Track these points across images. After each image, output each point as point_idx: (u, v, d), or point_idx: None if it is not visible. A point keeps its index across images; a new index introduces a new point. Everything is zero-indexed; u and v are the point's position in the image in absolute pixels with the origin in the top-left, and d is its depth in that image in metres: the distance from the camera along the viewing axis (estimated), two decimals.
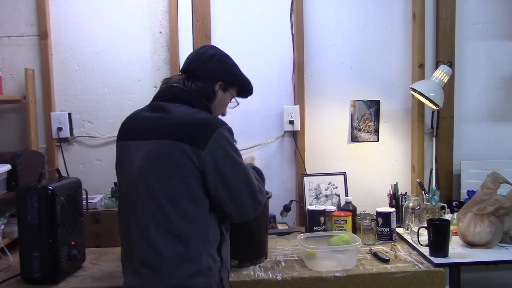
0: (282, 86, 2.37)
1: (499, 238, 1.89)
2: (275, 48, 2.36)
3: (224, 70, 1.52)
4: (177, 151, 1.30)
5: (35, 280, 1.64)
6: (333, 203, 2.28)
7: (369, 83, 2.41)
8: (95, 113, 2.33)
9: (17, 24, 2.28)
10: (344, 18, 2.38)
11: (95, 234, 2.04)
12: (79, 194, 1.82)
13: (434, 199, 2.13)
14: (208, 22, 2.29)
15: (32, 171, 2.04)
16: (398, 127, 2.44)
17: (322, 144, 2.40)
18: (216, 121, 1.37)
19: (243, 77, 1.57)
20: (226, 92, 1.54)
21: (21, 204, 1.63)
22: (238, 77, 1.56)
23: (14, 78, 2.28)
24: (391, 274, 1.69)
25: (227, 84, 1.53)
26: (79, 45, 2.30)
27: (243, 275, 1.70)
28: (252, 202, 1.37)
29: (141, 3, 2.30)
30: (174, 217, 1.30)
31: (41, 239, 1.62)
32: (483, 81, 2.45)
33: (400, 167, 2.45)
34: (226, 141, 1.34)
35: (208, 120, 1.36)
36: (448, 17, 2.37)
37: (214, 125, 1.34)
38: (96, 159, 2.34)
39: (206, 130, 1.32)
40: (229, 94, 1.56)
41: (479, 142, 2.47)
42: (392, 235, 2.03)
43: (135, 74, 2.32)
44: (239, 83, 1.57)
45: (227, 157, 1.33)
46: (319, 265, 1.73)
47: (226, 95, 1.55)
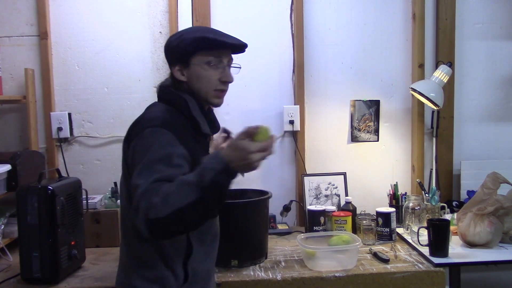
0: (282, 86, 2.37)
1: (499, 238, 1.89)
2: (275, 48, 2.36)
3: (172, 50, 1.34)
4: (123, 152, 1.30)
5: (35, 280, 1.64)
6: (333, 203, 2.28)
7: (369, 83, 2.41)
8: (95, 113, 2.33)
9: (17, 24, 2.28)
10: (344, 18, 2.38)
11: (95, 234, 2.04)
12: (79, 194, 1.82)
13: (434, 199, 2.13)
14: (208, 22, 2.29)
15: (32, 171, 2.04)
16: (398, 127, 2.44)
17: (322, 144, 2.40)
18: (147, 122, 1.23)
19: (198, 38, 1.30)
20: (191, 67, 1.32)
21: (21, 204, 1.63)
22: (191, 42, 1.30)
23: (14, 78, 2.28)
24: (391, 274, 1.69)
25: (183, 59, 1.32)
26: (79, 45, 2.30)
27: (243, 275, 1.70)
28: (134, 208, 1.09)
29: (141, 3, 2.30)
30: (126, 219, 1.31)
31: (41, 239, 1.62)
32: (483, 81, 2.45)
33: (400, 167, 2.45)
34: (147, 141, 1.19)
35: (142, 121, 1.26)
36: (448, 17, 2.37)
37: (142, 126, 1.22)
38: (96, 159, 2.34)
39: (135, 130, 1.25)
40: (196, 65, 1.32)
41: (479, 142, 2.47)
42: (392, 235, 2.03)
43: (135, 74, 2.32)
44: (194, 47, 1.30)
45: (138, 159, 1.17)
46: (319, 265, 1.73)
47: (194, 69, 1.32)
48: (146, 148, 1.17)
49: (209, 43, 1.31)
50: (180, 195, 1.03)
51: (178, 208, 1.03)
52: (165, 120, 1.23)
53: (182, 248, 1.29)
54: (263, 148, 1.05)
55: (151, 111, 1.32)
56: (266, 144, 1.06)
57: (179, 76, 1.34)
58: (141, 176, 1.11)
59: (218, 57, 1.33)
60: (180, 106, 1.31)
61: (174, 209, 1.02)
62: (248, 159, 1.04)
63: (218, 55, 1.33)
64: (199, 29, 1.39)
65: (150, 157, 1.14)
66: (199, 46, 1.31)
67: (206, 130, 1.34)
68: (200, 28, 1.41)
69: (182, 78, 1.34)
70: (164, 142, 1.17)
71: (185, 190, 1.04)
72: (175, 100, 1.33)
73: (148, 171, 1.11)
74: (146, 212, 1.04)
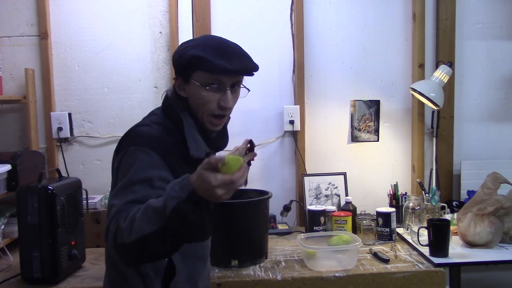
0: (282, 86, 2.37)
1: (499, 238, 1.89)
2: (275, 48, 2.35)
3: (175, 62, 1.26)
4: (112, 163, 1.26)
5: (35, 280, 1.64)
6: (333, 203, 2.28)
7: (369, 83, 2.41)
8: (95, 113, 2.33)
9: (17, 24, 2.28)
10: (344, 18, 2.38)
11: (95, 234, 2.04)
12: (79, 194, 1.82)
13: (434, 199, 2.13)
14: (208, 22, 2.29)
15: (32, 171, 2.04)
16: (398, 127, 2.44)
17: (322, 144, 2.40)
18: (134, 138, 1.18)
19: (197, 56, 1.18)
20: (190, 84, 1.23)
21: (21, 204, 1.63)
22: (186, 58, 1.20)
23: (14, 78, 2.28)
24: (391, 274, 1.69)
25: (183, 74, 1.24)
26: (79, 45, 2.30)
27: (243, 275, 1.70)
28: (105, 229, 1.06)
29: (141, 3, 2.30)
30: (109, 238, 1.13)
31: (41, 239, 1.62)
32: (483, 81, 2.45)
33: (400, 167, 2.45)
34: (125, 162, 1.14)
35: (130, 134, 1.21)
36: (448, 17, 2.37)
37: (129, 142, 1.17)
38: (96, 159, 2.34)
39: (122, 145, 1.20)
40: (195, 85, 1.22)
41: (479, 142, 2.47)
42: (392, 235, 2.03)
43: (135, 74, 2.32)
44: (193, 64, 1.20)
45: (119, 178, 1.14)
46: (319, 265, 1.73)
47: (193, 87, 1.22)
48: (127, 167, 1.12)
49: (205, 65, 1.19)
50: (144, 221, 0.96)
51: (141, 235, 0.95)
52: (153, 139, 1.17)
53: (161, 269, 1.22)
54: (228, 182, 0.91)
55: (146, 123, 1.24)
56: (231, 178, 0.91)
57: (179, 91, 1.26)
58: (117, 196, 1.07)
59: (217, 79, 1.21)
60: (175, 124, 1.24)
61: (137, 236, 0.95)
62: (212, 193, 0.91)
63: (218, 78, 1.21)
64: (204, 44, 1.23)
65: (130, 178, 1.09)
66: (196, 65, 1.20)
67: (196, 154, 1.23)
68: (205, 42, 1.24)
69: (182, 94, 1.25)
70: (146, 164, 1.11)
71: (149, 217, 0.96)
72: (172, 116, 1.26)
73: (125, 191, 1.07)
74: (114, 237, 1.00)
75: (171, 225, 0.93)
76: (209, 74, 1.20)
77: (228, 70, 1.19)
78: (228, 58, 1.20)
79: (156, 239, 0.95)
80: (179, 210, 0.92)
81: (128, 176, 1.10)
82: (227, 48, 1.23)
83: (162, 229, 0.94)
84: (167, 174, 1.13)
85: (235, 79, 1.24)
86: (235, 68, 1.20)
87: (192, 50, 1.21)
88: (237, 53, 1.23)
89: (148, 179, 1.08)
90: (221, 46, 1.23)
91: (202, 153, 1.26)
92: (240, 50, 1.25)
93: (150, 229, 0.95)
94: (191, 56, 1.19)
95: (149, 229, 0.95)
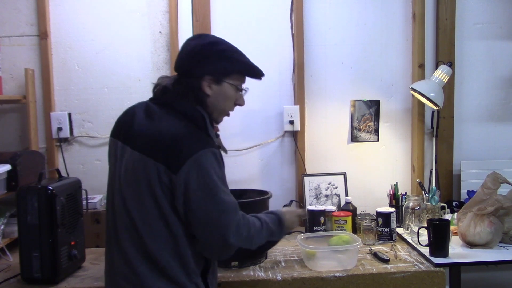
0: (282, 86, 2.37)
1: (499, 238, 1.89)
2: (275, 48, 2.35)
3: (209, 61, 1.33)
4: (152, 170, 1.23)
5: (35, 280, 1.64)
6: (333, 203, 2.28)
7: (369, 83, 2.41)
8: (95, 113, 2.33)
9: (17, 24, 2.28)
10: (344, 18, 2.38)
11: (95, 234, 2.04)
12: (79, 194, 1.82)
13: (434, 199, 2.13)
14: (208, 22, 2.29)
15: (32, 171, 2.04)
16: (398, 127, 2.44)
17: (322, 144, 2.40)
18: (195, 143, 1.23)
19: (240, 61, 1.36)
20: (222, 84, 1.34)
21: (21, 204, 1.63)
22: (233, 63, 1.35)
23: (14, 78, 2.28)
24: (391, 274, 1.69)
25: (219, 75, 1.33)
26: (79, 45, 2.30)
27: (243, 275, 1.70)
28: (217, 239, 1.25)
29: (141, 3, 2.30)
30: (145, 235, 1.26)
31: (41, 239, 1.62)
32: (483, 81, 2.45)
33: (400, 167, 2.45)
34: (203, 168, 1.21)
35: (186, 141, 1.24)
36: (448, 17, 2.37)
37: (193, 148, 1.22)
38: (96, 159, 2.34)
39: (182, 153, 1.21)
40: (228, 85, 1.35)
41: (479, 142, 2.47)
42: (392, 235, 2.03)
43: (135, 74, 2.32)
44: (236, 70, 1.36)
45: (200, 186, 1.21)
46: (319, 265, 1.73)
47: (224, 88, 1.35)
48: (209, 170, 1.22)
49: (248, 71, 1.40)
50: (262, 237, 1.41)
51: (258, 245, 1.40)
52: (206, 139, 1.28)
53: (202, 263, 1.34)
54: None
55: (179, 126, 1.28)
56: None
57: (206, 89, 1.33)
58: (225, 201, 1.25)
59: (243, 82, 1.43)
60: (197, 123, 1.30)
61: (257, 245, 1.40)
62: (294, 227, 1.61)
63: (243, 82, 1.43)
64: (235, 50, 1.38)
65: (215, 182, 1.24)
66: (239, 71, 1.37)
67: (224, 149, 1.42)
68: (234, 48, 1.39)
69: (208, 92, 1.34)
70: (218, 162, 1.26)
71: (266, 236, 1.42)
72: (194, 116, 1.30)
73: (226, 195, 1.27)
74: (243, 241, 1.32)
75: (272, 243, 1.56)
76: (241, 78, 1.40)
77: (260, 75, 1.43)
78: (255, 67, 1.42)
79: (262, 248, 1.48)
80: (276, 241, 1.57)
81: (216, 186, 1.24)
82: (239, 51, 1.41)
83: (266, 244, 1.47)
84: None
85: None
86: (261, 73, 1.43)
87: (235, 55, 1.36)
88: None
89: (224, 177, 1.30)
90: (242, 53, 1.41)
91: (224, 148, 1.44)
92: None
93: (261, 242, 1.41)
94: (240, 62, 1.36)
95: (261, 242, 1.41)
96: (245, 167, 2.34)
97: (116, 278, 1.31)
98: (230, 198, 1.28)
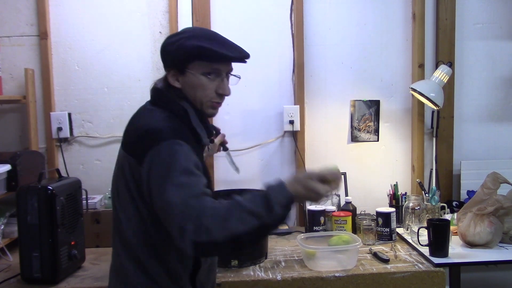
0: (282, 86, 2.37)
1: (499, 238, 1.89)
2: (275, 48, 2.35)
3: (168, 54, 1.28)
4: (126, 164, 1.22)
5: (35, 280, 1.64)
6: (333, 203, 2.27)
7: (369, 83, 2.41)
8: (95, 113, 2.33)
9: (17, 24, 2.28)
10: (344, 18, 2.38)
11: (95, 234, 2.04)
12: (79, 194, 1.82)
13: (434, 199, 2.13)
14: (208, 22, 2.29)
15: (32, 171, 2.04)
16: (398, 127, 2.44)
17: (322, 144, 2.40)
18: (160, 135, 1.17)
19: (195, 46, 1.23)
20: (186, 74, 1.27)
21: (21, 204, 1.63)
22: (187, 49, 1.24)
23: (14, 78, 2.28)
24: (391, 274, 1.69)
25: (179, 66, 1.27)
26: (79, 45, 2.30)
27: (243, 275, 1.70)
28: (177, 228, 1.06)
29: (141, 3, 2.30)
30: (126, 230, 1.24)
31: (41, 239, 1.62)
32: (483, 81, 2.45)
33: (400, 167, 2.45)
34: (161, 159, 1.14)
35: (150, 131, 1.19)
36: (448, 17, 2.37)
37: (156, 140, 1.16)
38: (96, 159, 2.34)
39: (145, 144, 1.17)
40: (191, 74, 1.26)
41: (479, 142, 2.47)
42: (392, 235, 2.03)
43: (135, 74, 2.32)
44: (191, 55, 1.25)
45: (157, 178, 1.13)
46: (319, 265, 1.73)
47: (188, 78, 1.27)
48: (167, 162, 1.12)
49: (207, 55, 1.24)
50: (239, 221, 1.04)
51: (236, 234, 1.03)
52: (177, 131, 1.20)
53: (189, 265, 1.27)
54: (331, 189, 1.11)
55: (154, 119, 1.24)
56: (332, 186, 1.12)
57: (173, 82, 1.29)
58: (171, 194, 1.08)
59: (216, 68, 1.27)
60: (179, 115, 1.26)
61: (232, 235, 1.03)
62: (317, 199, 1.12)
63: (216, 67, 1.27)
64: (198, 35, 1.28)
65: (175, 172, 1.11)
66: (196, 55, 1.25)
67: (206, 142, 1.31)
68: (200, 34, 1.29)
69: (176, 85, 1.28)
70: (186, 154, 1.15)
71: (245, 218, 1.05)
72: (174, 108, 1.27)
73: (179, 187, 1.09)
74: (197, 234, 1.03)
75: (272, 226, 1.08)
76: (207, 63, 1.26)
77: (230, 57, 1.26)
78: (226, 47, 1.26)
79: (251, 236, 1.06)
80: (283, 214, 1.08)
81: (174, 171, 1.11)
82: (220, 37, 1.30)
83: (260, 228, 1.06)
84: (197, 159, 1.18)
85: (229, 68, 1.31)
86: (235, 55, 1.27)
87: (190, 41, 1.24)
88: (229, 42, 1.29)
89: (193, 166, 1.14)
90: (215, 36, 1.29)
91: (208, 140, 1.33)
92: (228, 39, 1.31)
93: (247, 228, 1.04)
94: (191, 46, 1.24)
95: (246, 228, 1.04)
96: (245, 167, 2.34)
97: (112, 273, 1.34)
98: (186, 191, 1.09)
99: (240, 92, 2.31)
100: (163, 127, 1.20)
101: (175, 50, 1.26)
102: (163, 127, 1.20)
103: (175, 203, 1.07)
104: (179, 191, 1.09)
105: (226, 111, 2.31)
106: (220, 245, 1.04)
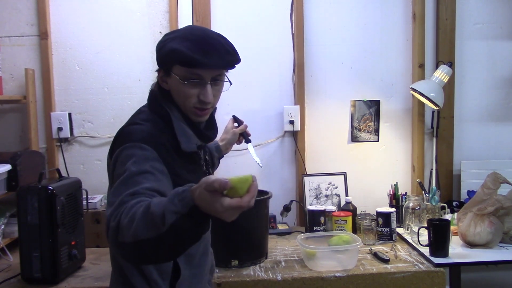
0: (282, 86, 2.37)
1: (499, 238, 1.89)
2: (275, 48, 2.35)
3: (156, 53, 1.24)
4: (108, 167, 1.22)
5: (35, 280, 1.64)
6: (333, 203, 2.28)
7: (369, 83, 2.41)
8: (95, 113, 2.33)
9: (17, 24, 2.28)
10: (344, 18, 2.38)
11: (95, 234, 2.04)
12: (79, 194, 1.82)
13: (434, 199, 2.13)
14: (208, 22, 2.29)
15: (32, 171, 2.04)
16: (398, 127, 2.44)
17: (322, 144, 2.40)
18: (127, 136, 1.16)
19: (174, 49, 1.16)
20: (171, 77, 1.22)
21: (21, 204, 1.63)
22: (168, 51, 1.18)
23: (14, 78, 2.28)
24: (391, 274, 1.69)
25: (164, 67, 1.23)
26: (79, 45, 2.30)
27: (243, 275, 1.70)
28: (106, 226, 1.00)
29: (141, 3, 2.30)
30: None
31: (41, 239, 1.62)
32: (483, 81, 2.45)
33: (400, 167, 2.45)
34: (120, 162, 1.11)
35: (122, 133, 1.20)
36: (448, 17, 2.37)
37: (122, 141, 1.16)
38: (96, 159, 2.34)
39: (116, 144, 1.18)
40: (174, 79, 1.21)
41: (479, 142, 2.47)
42: (392, 235, 2.03)
43: (135, 74, 2.32)
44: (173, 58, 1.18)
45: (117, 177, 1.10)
46: (319, 265, 1.73)
47: (173, 81, 1.22)
48: (124, 163, 1.09)
49: (184, 60, 1.16)
50: (141, 225, 0.89)
51: (138, 240, 0.89)
52: (146, 135, 1.15)
53: (168, 271, 1.22)
54: (235, 207, 0.83)
55: (135, 122, 1.22)
56: (239, 204, 0.83)
57: (162, 84, 1.25)
58: (116, 192, 1.02)
59: (197, 74, 1.19)
60: (163, 118, 1.23)
61: (134, 240, 0.90)
62: (218, 216, 0.84)
63: (198, 72, 1.18)
64: (185, 36, 1.20)
65: (128, 172, 1.06)
66: (176, 59, 1.18)
67: (188, 148, 1.23)
68: (187, 35, 1.20)
69: (165, 86, 1.25)
70: (143, 157, 1.10)
71: (148, 223, 0.88)
72: (158, 111, 1.24)
73: (125, 185, 1.03)
74: (115, 233, 0.93)
75: (168, 237, 0.87)
76: (187, 68, 1.18)
77: (205, 65, 1.16)
78: (205, 52, 1.16)
79: (152, 245, 0.89)
80: (177, 226, 0.85)
81: (126, 171, 1.07)
82: (208, 40, 1.19)
83: (157, 239, 0.87)
84: (163, 167, 1.12)
85: (215, 73, 1.22)
86: (212, 63, 1.17)
87: (171, 43, 1.19)
88: (217, 47, 1.19)
89: (147, 171, 1.06)
90: (202, 39, 1.19)
91: (193, 146, 1.26)
92: (221, 43, 1.21)
93: (146, 236, 0.88)
94: (169, 50, 1.18)
95: (144, 235, 0.88)
96: (245, 167, 2.34)
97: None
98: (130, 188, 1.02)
99: (240, 92, 2.31)
100: (135, 131, 1.17)
101: (159, 50, 1.23)
102: (135, 130, 1.17)
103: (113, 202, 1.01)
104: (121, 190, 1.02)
105: (226, 111, 2.30)
106: (129, 248, 0.92)
